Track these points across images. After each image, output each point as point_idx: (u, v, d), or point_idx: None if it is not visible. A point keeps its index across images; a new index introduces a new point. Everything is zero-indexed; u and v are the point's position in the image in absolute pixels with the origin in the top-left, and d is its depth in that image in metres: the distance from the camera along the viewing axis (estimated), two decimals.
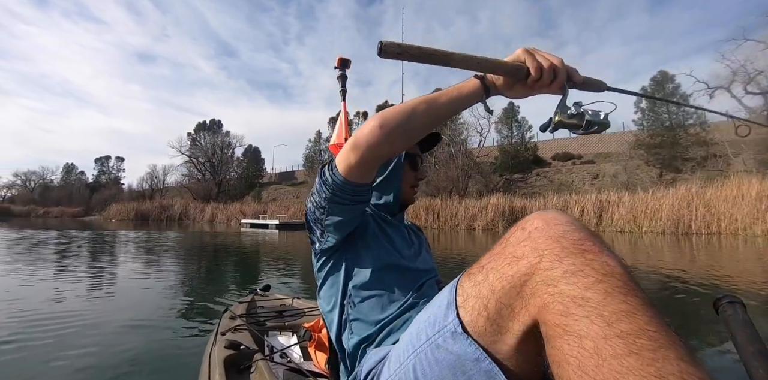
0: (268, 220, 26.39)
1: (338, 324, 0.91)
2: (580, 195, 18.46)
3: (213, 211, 36.36)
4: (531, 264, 0.50)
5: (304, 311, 1.76)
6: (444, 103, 0.73)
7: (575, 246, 0.49)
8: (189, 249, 9.61)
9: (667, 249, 9.03)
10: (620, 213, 15.86)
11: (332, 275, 0.94)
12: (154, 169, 52.50)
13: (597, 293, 0.44)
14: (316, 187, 0.86)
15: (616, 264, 0.48)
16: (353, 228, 0.91)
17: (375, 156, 0.76)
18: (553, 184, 25.67)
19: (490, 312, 0.54)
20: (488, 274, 0.55)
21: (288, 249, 9.88)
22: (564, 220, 0.54)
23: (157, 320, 2.94)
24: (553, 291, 0.47)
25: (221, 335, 1.42)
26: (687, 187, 15.03)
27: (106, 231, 17.09)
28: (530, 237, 0.53)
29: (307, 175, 41.75)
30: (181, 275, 5.18)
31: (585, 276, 0.46)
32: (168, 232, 16.67)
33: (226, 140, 49.28)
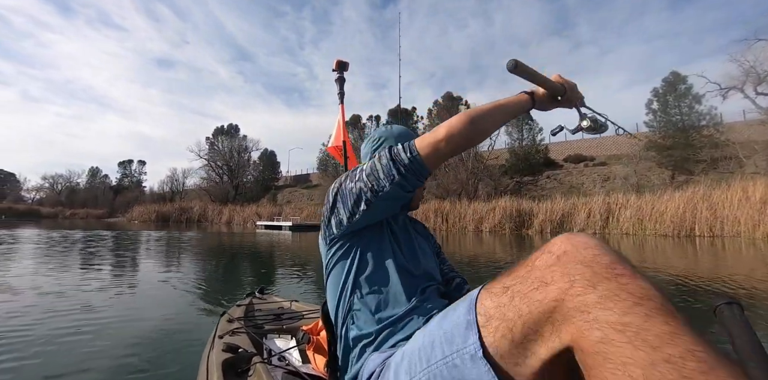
0: (282, 222, 27.22)
1: (343, 313, 0.91)
2: (588, 198, 18.62)
3: (230, 213, 37.45)
4: (561, 290, 0.49)
5: (303, 314, 1.75)
6: (509, 110, 0.89)
7: (607, 270, 0.48)
8: (199, 249, 10.19)
9: (669, 252, 9.30)
10: (626, 215, 16.01)
11: (341, 262, 0.94)
12: (174, 173, 54.46)
13: (637, 317, 0.43)
14: (379, 169, 0.85)
15: (651, 286, 0.47)
16: (384, 217, 0.97)
17: (463, 147, 0.83)
18: (564, 186, 25.75)
19: (515, 336, 0.53)
20: (514, 297, 0.55)
21: (298, 250, 10.47)
22: (593, 244, 0.53)
23: (155, 323, 2.94)
24: (589, 318, 0.46)
25: (219, 338, 1.41)
26: (693, 190, 15.12)
27: (129, 231, 18.05)
28: (559, 262, 0.52)
29: (320, 177, 42.53)
30: (179, 278, 5.12)
31: (621, 300, 0.45)
32: (187, 233, 17.52)
33: (243, 144, 50.53)
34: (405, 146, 0.85)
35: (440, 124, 0.83)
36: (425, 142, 0.83)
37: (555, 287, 0.50)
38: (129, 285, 4.53)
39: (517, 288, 0.55)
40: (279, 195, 44.86)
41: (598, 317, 0.45)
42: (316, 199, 37.91)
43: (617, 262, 0.49)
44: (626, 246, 10.68)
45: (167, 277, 5.09)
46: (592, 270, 0.49)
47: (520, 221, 19.24)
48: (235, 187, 47.50)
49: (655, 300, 0.45)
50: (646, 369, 0.40)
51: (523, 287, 0.54)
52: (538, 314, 0.51)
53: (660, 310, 0.44)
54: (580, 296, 0.47)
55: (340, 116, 1.83)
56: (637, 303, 0.44)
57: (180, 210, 39.71)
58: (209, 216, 38.41)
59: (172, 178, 54.21)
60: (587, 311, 0.46)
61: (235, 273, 5.74)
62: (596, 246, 0.52)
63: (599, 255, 0.50)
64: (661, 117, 25.28)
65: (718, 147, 21.79)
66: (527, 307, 0.52)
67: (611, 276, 0.48)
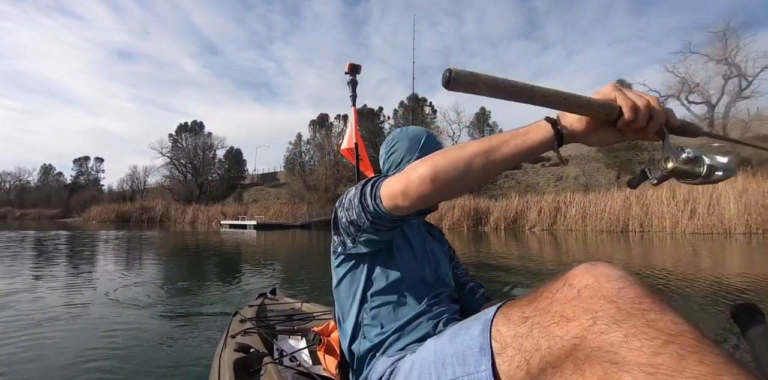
0: (246, 221, 27.24)
1: (352, 327, 0.90)
2: (540, 197, 19.92)
3: (194, 213, 36.90)
4: (583, 327, 0.46)
5: (314, 315, 1.75)
6: (506, 154, 0.61)
7: (633, 306, 0.45)
8: (177, 249, 10.47)
9: (607, 246, 10.40)
10: (572, 213, 17.34)
11: (350, 275, 0.92)
12: (134, 171, 52.66)
13: (668, 357, 0.39)
14: (354, 206, 0.80)
15: (683, 321, 0.43)
16: (386, 244, 0.90)
17: (425, 204, 0.71)
18: (520, 185, 27.18)
19: (531, 368, 0.50)
20: (532, 329, 0.52)
21: (264, 248, 10.84)
22: (616, 276, 0.49)
23: (168, 322, 2.99)
24: (615, 359, 0.42)
25: (231, 338, 1.42)
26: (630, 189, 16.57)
27: (87, 232, 17.71)
28: (580, 297, 0.49)
29: (287, 176, 42.47)
30: (183, 278, 5.21)
31: (650, 339, 0.41)
32: (149, 232, 17.38)
33: (207, 142, 49.52)
34: (373, 188, 0.77)
35: (410, 166, 0.69)
36: (387, 190, 0.73)
37: (576, 323, 0.47)
38: (135, 287, 4.48)
39: (537, 320, 0.52)
40: (245, 193, 44.44)
41: (626, 359, 0.41)
42: (283, 198, 37.93)
43: (644, 296, 0.46)
44: (571, 241, 11.75)
45: (171, 279, 5.08)
46: (616, 306, 0.45)
47: (478, 219, 20.32)
48: (200, 186, 46.61)
49: (687, 336, 0.41)
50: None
51: (542, 319, 0.52)
52: (557, 350, 0.48)
53: (694, 348, 0.40)
54: (604, 334, 0.44)
55: (352, 118, 1.83)
56: (668, 342, 0.41)
57: (141, 209, 38.71)
58: (172, 216, 37.67)
59: (132, 176, 52.56)
60: (613, 351, 0.43)
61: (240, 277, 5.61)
62: (620, 278, 0.49)
63: (623, 289, 0.47)
64: None
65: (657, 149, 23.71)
66: (546, 342, 0.49)
67: (638, 311, 0.44)
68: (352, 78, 1.71)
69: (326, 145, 38.54)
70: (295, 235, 17.37)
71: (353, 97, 1.73)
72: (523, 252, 8.59)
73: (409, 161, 1.01)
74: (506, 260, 7.19)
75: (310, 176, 38.80)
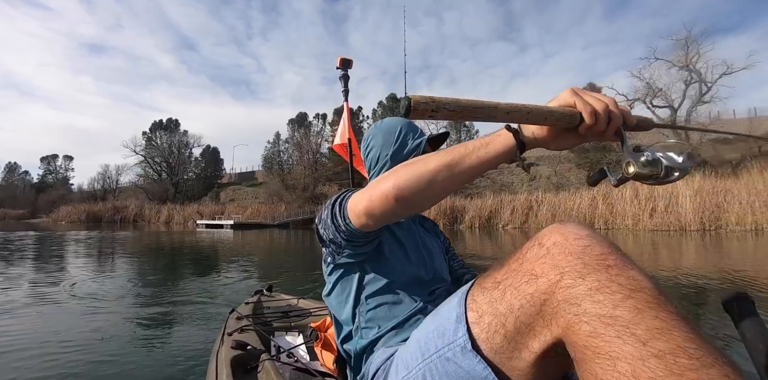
0: (223, 221, 27.00)
1: (348, 328, 0.90)
2: (514, 196, 20.54)
3: (169, 212, 36.22)
4: (551, 283, 0.48)
5: (310, 311, 1.75)
6: (469, 166, 0.61)
7: (598, 261, 0.46)
8: (153, 249, 10.41)
9: None
10: (543, 211, 17.99)
11: (343, 280, 0.92)
12: (106, 169, 51.11)
13: (626, 310, 0.42)
14: (328, 226, 0.80)
15: (643, 278, 0.45)
16: (373, 251, 0.89)
17: (393, 220, 0.72)
18: (496, 184, 27.90)
19: (507, 331, 0.52)
20: (505, 291, 0.53)
21: (241, 248, 10.90)
22: (584, 234, 0.50)
23: (164, 320, 2.97)
24: (578, 311, 0.44)
25: (228, 335, 1.41)
26: (597, 189, 17.34)
27: (71, 233, 17.27)
28: (549, 254, 0.50)
29: (266, 175, 42.15)
30: (177, 277, 5.25)
31: (611, 293, 0.43)
32: (123, 232, 17.10)
33: (183, 140, 48.58)
34: (341, 208, 0.76)
35: (371, 183, 0.69)
36: (352, 209, 0.73)
37: (545, 279, 0.49)
38: (131, 286, 4.47)
39: (509, 282, 0.54)
40: (222, 193, 43.87)
41: (588, 310, 0.44)
42: (261, 197, 37.66)
43: (608, 253, 0.47)
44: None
45: (165, 278, 5.08)
46: (582, 262, 0.47)
47: (454, 217, 20.79)
48: (175, 185, 45.69)
49: (646, 292, 0.43)
50: (635, 365, 0.39)
51: (514, 280, 0.53)
52: (529, 308, 0.50)
53: (651, 303, 0.42)
54: (570, 288, 0.46)
55: (344, 114, 1.80)
56: (627, 297, 0.42)
57: (114, 209, 37.78)
58: (146, 216, 36.87)
59: (104, 175, 51.02)
60: (577, 303, 0.45)
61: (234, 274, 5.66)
62: (587, 236, 0.50)
63: (590, 246, 0.48)
64: None
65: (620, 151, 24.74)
66: (518, 301, 0.51)
67: (602, 267, 0.46)
68: (344, 73, 1.67)
69: (305, 144, 38.45)
70: (273, 235, 17.41)
71: (345, 91, 1.70)
72: (496, 250, 8.96)
73: (387, 155, 1.01)
74: (479, 258, 7.54)
75: (289, 175, 38.65)
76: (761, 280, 4.33)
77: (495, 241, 11.60)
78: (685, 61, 22.36)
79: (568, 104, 0.57)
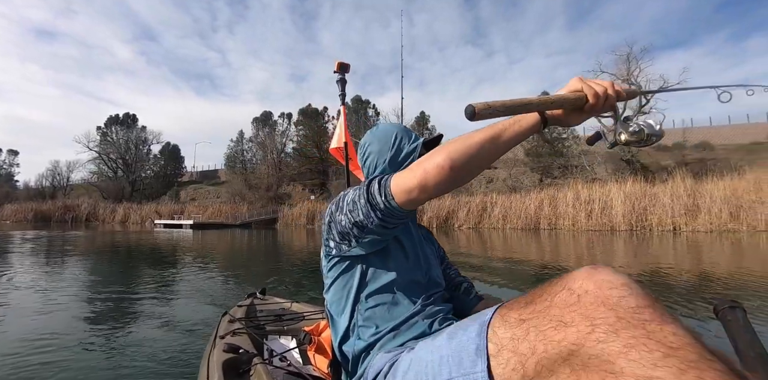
0: (182, 221, 26.54)
1: (345, 327, 0.90)
2: (470, 197, 21.59)
3: (125, 212, 35.01)
4: (581, 334, 0.46)
5: (304, 315, 1.74)
6: (507, 139, 0.72)
7: (633, 315, 0.44)
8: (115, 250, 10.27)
9: (523, 241, 11.83)
10: (495, 213, 19.09)
11: (343, 277, 0.92)
12: (56, 166, 48.47)
13: (667, 371, 0.39)
14: (359, 207, 0.81)
15: (684, 333, 0.42)
16: (386, 243, 0.90)
17: (442, 193, 0.74)
18: None
19: (527, 372, 0.51)
20: (529, 332, 0.52)
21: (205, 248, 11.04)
22: (618, 283, 0.48)
23: (155, 323, 2.94)
24: (613, 369, 0.42)
25: (220, 338, 1.40)
26: (545, 191, 18.63)
27: (16, 233, 16.54)
28: (579, 302, 0.48)
29: (228, 174, 41.52)
30: (177, 278, 5.22)
31: (649, 351, 0.41)
32: (74, 232, 16.61)
33: (141, 136, 46.79)
34: (381, 187, 0.79)
35: (419, 161, 0.74)
36: (400, 186, 0.75)
37: (575, 330, 0.47)
38: (122, 288, 4.41)
39: (534, 322, 0.52)
40: (182, 192, 42.68)
41: (624, 370, 0.41)
42: (223, 197, 37.09)
43: (645, 306, 0.45)
44: (494, 238, 13.13)
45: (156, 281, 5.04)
46: (616, 315, 0.45)
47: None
48: (132, 183, 44.02)
49: (689, 349, 0.40)
50: None
51: (539, 322, 0.51)
52: (554, 355, 0.48)
53: (695, 362, 0.39)
54: (602, 343, 0.44)
55: (341, 118, 1.80)
56: (667, 355, 0.40)
57: (64, 208, 35.98)
58: (100, 215, 35.46)
59: (54, 171, 48.35)
60: (610, 361, 0.42)
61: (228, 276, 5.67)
62: (622, 285, 0.48)
63: (625, 298, 0.46)
64: None
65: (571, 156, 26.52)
66: (543, 346, 0.49)
67: (637, 321, 0.44)
68: (341, 76, 1.68)
69: (269, 144, 38.23)
70: (234, 235, 17.45)
71: (342, 95, 1.71)
72: (452, 248, 9.55)
73: (385, 161, 1.02)
74: None
75: (252, 175, 38.29)
76: (670, 272, 5.23)
77: (451, 241, 12.26)
78: (627, 74, 24.23)
79: (576, 89, 0.72)
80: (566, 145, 28.05)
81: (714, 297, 3.45)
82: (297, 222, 26.98)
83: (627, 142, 0.71)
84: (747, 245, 9.32)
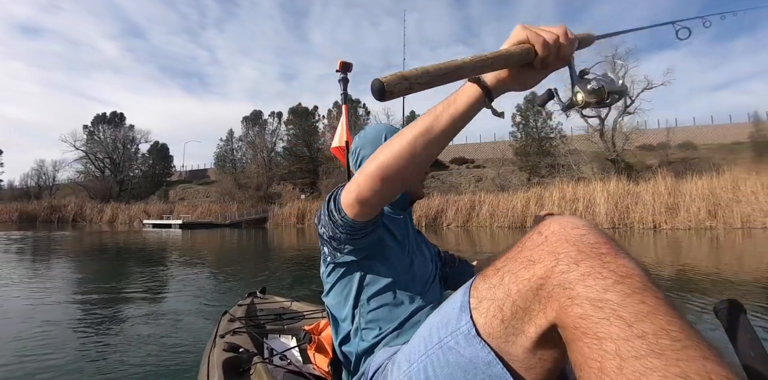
0: (171, 221, 26.42)
1: (347, 330, 0.91)
2: (459, 196, 21.87)
3: (113, 212, 34.69)
4: (547, 268, 0.50)
5: (304, 314, 1.75)
6: (443, 127, 0.63)
7: (592, 249, 0.49)
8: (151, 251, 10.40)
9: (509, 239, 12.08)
10: (483, 211, 19.39)
11: (343, 280, 0.93)
12: (42, 165, 47.68)
13: (615, 295, 0.44)
14: (326, 223, 0.82)
15: (634, 266, 0.48)
16: (371, 247, 0.89)
17: (384, 203, 0.73)
18: (445, 185, 29.24)
19: (505, 315, 0.54)
20: (503, 277, 0.56)
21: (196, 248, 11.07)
22: (580, 224, 0.53)
23: (155, 322, 2.95)
24: (571, 294, 0.47)
25: (220, 338, 1.41)
26: (532, 190, 18.99)
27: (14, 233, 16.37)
28: (547, 242, 0.53)
29: (218, 174, 41.30)
30: (171, 278, 5.25)
31: (602, 278, 0.46)
32: (61, 232, 16.49)
33: (129, 135, 46.22)
34: (335, 203, 0.79)
35: (359, 170, 0.71)
36: (345, 201, 0.75)
37: (542, 265, 0.51)
38: (123, 288, 4.47)
39: (507, 268, 0.56)
40: (171, 191, 42.32)
41: (580, 293, 0.46)
42: (213, 196, 36.93)
43: (602, 242, 0.50)
44: (481, 236, 13.37)
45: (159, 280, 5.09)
46: (577, 249, 0.50)
47: None
48: (120, 183, 43.52)
49: (635, 278, 0.46)
50: (619, 344, 0.41)
51: (512, 266, 0.55)
52: (525, 292, 0.52)
53: (639, 289, 0.44)
54: (564, 273, 0.48)
55: (343, 117, 1.80)
56: (617, 282, 0.45)
57: (50, 208, 35.55)
58: (87, 215, 35.12)
59: (39, 171, 47.54)
60: (570, 288, 0.47)
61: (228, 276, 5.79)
62: (584, 226, 0.53)
63: (586, 235, 0.51)
64: (522, 129, 30.37)
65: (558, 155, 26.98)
66: (516, 286, 0.53)
67: (595, 254, 0.49)
68: (343, 76, 1.67)
69: (259, 143, 38.13)
70: (224, 234, 17.47)
71: (344, 94, 1.70)
72: (441, 246, 9.74)
73: None
74: None
75: (242, 174, 38.16)
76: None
77: (440, 239, 12.46)
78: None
79: (521, 40, 0.58)
80: (554, 144, 28.56)
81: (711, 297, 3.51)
82: (287, 221, 27.00)
83: (585, 102, 0.59)
84: (723, 242, 9.68)
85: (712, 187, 14.59)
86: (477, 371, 0.56)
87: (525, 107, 30.42)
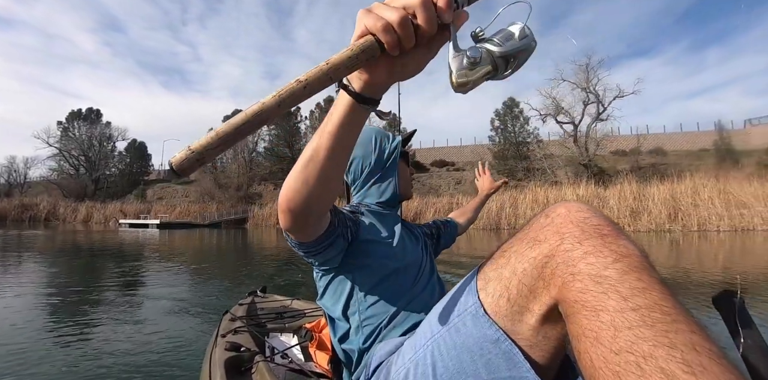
0: (148, 220, 26.08)
1: (345, 329, 0.92)
2: (438, 198, 22.33)
3: (88, 211, 33.89)
4: (552, 247, 0.53)
5: (305, 312, 1.77)
6: (327, 144, 0.58)
7: (595, 230, 0.52)
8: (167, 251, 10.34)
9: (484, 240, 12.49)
10: None
11: (334, 282, 0.94)
12: (12, 162, 46.11)
13: (614, 271, 0.47)
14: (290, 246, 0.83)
15: (633, 247, 0.50)
16: (344, 251, 0.90)
17: (307, 225, 0.72)
18: (425, 187, 29.73)
19: (511, 294, 0.56)
20: (510, 257, 0.58)
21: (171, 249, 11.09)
22: (585, 208, 0.56)
23: (156, 322, 2.96)
24: (573, 271, 0.49)
25: (221, 337, 1.42)
26: (509, 193, 19.59)
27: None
28: (553, 223, 0.56)
29: (198, 173, 40.76)
30: (173, 278, 5.25)
31: (603, 256, 0.48)
32: (32, 231, 16.16)
33: (105, 132, 45.16)
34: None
35: None
36: (282, 226, 0.71)
37: (547, 244, 0.54)
38: (124, 288, 4.45)
39: (514, 248, 0.59)
40: (149, 190, 41.54)
41: (581, 270, 0.49)
42: (192, 196, 36.49)
43: (605, 224, 0.53)
44: (458, 238, 13.54)
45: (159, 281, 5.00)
46: (581, 229, 0.52)
47: None
48: (95, 181, 42.44)
49: (633, 258, 0.48)
50: (614, 316, 0.44)
51: (519, 247, 0.58)
52: (531, 270, 0.54)
53: (636, 267, 0.47)
54: (568, 251, 0.51)
55: None
56: (616, 260, 0.48)
57: (21, 207, 34.43)
58: (61, 214, 34.17)
59: (9, 168, 45.92)
60: (573, 264, 0.50)
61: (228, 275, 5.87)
62: (588, 210, 0.56)
63: (590, 218, 0.54)
64: (501, 133, 31.21)
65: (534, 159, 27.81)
66: (521, 265, 0.56)
67: (597, 235, 0.51)
68: None
69: (240, 143, 37.87)
70: (203, 234, 17.40)
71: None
72: None
73: (371, 163, 1.06)
74: None
75: (222, 174, 37.85)
76: None
77: None
78: (586, 83, 25.67)
79: (362, 32, 0.46)
80: (530, 148, 29.43)
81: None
82: (267, 222, 26.95)
83: (466, 82, 0.46)
84: (682, 244, 10.26)
85: (674, 191, 15.42)
86: (484, 351, 0.57)
87: (503, 112, 31.25)
